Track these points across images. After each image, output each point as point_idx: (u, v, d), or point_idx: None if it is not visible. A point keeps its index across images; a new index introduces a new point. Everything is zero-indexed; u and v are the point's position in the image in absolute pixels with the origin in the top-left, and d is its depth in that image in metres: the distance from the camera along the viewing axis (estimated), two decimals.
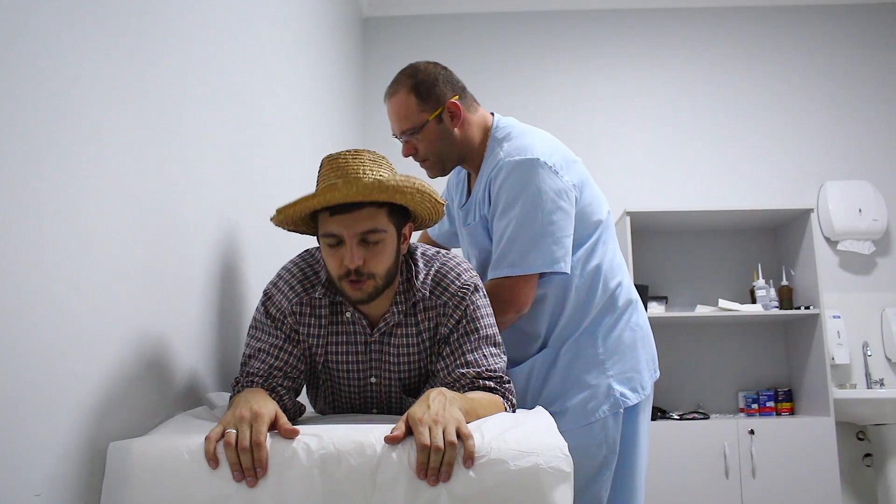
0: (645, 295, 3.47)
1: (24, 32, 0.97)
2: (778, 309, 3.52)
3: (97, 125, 1.14)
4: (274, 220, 1.39)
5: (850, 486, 3.50)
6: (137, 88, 1.28)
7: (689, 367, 3.67)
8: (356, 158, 1.32)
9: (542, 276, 1.72)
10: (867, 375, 3.59)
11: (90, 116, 1.12)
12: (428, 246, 1.51)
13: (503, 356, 1.43)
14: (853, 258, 3.78)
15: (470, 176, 1.93)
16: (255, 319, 1.44)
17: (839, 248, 3.77)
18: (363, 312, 1.42)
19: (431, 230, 2.18)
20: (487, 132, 1.82)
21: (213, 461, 1.07)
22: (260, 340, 1.40)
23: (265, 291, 1.44)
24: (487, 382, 1.36)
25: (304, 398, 1.61)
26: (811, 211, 3.51)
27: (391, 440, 1.09)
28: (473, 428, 1.14)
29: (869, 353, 3.61)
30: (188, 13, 1.53)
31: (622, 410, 1.74)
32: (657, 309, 3.55)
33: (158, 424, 1.27)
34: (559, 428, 1.72)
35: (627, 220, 3.46)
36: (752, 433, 3.23)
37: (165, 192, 1.38)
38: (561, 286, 1.75)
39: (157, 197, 1.35)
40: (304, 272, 1.44)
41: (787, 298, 3.56)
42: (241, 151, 1.83)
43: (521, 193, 1.67)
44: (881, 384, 3.56)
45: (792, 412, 3.52)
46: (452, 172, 2.01)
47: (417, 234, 2.22)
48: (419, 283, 1.41)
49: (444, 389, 1.23)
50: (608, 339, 1.77)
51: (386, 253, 1.33)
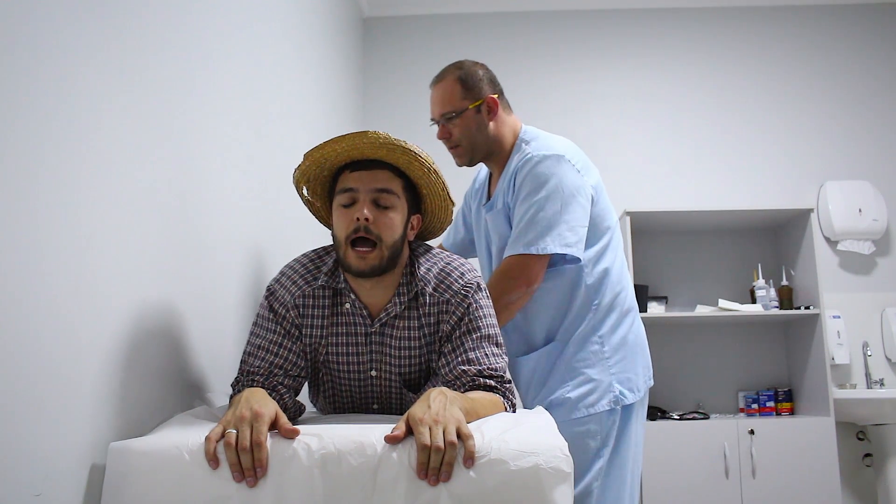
0: (645, 295, 3.47)
1: (24, 32, 0.97)
2: (778, 309, 3.52)
3: (97, 125, 1.14)
4: (297, 171, 1.44)
5: (850, 486, 3.50)
6: (137, 88, 1.28)
7: (689, 367, 3.67)
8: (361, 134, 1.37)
9: (554, 265, 1.81)
10: (867, 375, 3.59)
11: (90, 116, 1.12)
12: (430, 245, 1.53)
13: (504, 356, 1.44)
14: (853, 258, 3.78)
15: (491, 178, 2.03)
16: (257, 316, 1.45)
17: (839, 248, 3.76)
18: (364, 303, 1.43)
19: (445, 241, 2.22)
20: (516, 136, 1.95)
21: (213, 461, 1.07)
22: (260, 337, 1.41)
23: (268, 287, 1.46)
24: (488, 381, 1.37)
25: (304, 397, 1.61)
26: (811, 211, 3.51)
27: (391, 440, 1.09)
28: (473, 428, 1.14)
29: (869, 353, 3.61)
30: (188, 14, 1.53)
31: (619, 408, 1.82)
32: (657, 309, 3.55)
33: (158, 424, 1.27)
34: (557, 417, 1.75)
35: (627, 220, 3.46)
36: (752, 433, 3.23)
37: (165, 192, 1.39)
38: (571, 282, 1.84)
39: (156, 197, 1.35)
40: (306, 267, 1.46)
41: (787, 298, 3.55)
42: (240, 152, 1.84)
43: (544, 183, 1.79)
44: (881, 384, 3.56)
45: (792, 412, 3.52)
46: (471, 180, 2.13)
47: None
48: (420, 275, 1.43)
49: (444, 389, 1.24)
50: (612, 338, 1.85)
51: (394, 222, 1.37)
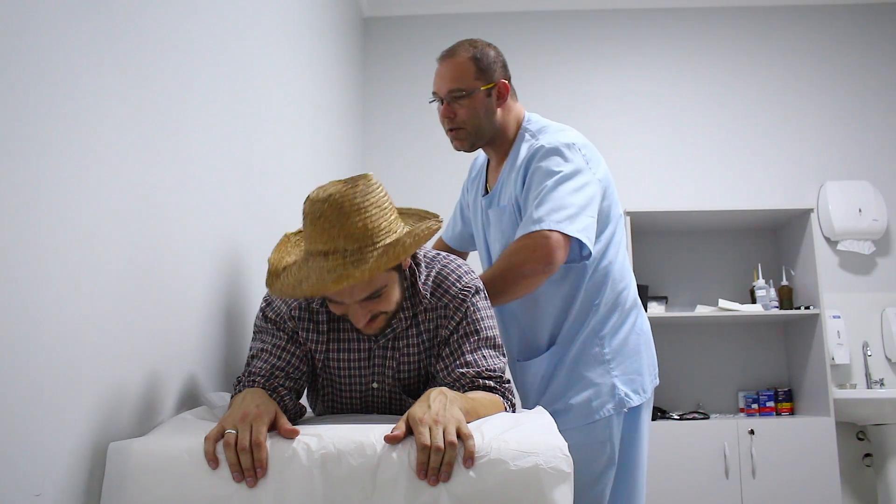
0: (645, 295, 3.46)
1: (24, 32, 0.97)
2: (778, 309, 3.52)
3: (97, 126, 1.14)
4: (268, 285, 1.33)
5: (850, 486, 3.50)
6: (137, 89, 1.28)
7: (689, 367, 3.67)
8: (339, 214, 1.20)
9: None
10: (867, 375, 3.59)
11: (90, 117, 1.12)
12: (428, 248, 1.51)
13: (503, 357, 1.43)
14: (853, 258, 3.78)
15: (489, 165, 1.95)
16: (256, 326, 1.44)
17: (839, 248, 3.76)
18: None
19: (445, 234, 2.20)
20: (519, 124, 1.88)
21: (213, 461, 1.07)
22: (263, 342, 1.40)
23: (265, 298, 1.44)
24: (487, 382, 1.36)
25: (303, 400, 1.61)
26: (811, 211, 3.51)
27: (391, 440, 1.09)
28: (473, 428, 1.14)
29: (869, 353, 3.61)
30: (187, 14, 1.53)
31: (626, 410, 1.75)
32: (657, 309, 3.55)
33: (158, 424, 1.27)
34: (563, 425, 1.72)
35: (627, 220, 3.45)
36: (752, 433, 3.23)
37: (166, 192, 1.38)
38: (573, 280, 1.77)
39: (157, 197, 1.35)
40: None
41: (787, 298, 3.55)
42: (241, 151, 1.83)
43: (562, 168, 1.70)
44: (881, 384, 3.56)
45: (792, 412, 3.52)
46: (466, 171, 2.05)
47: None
48: (419, 286, 1.41)
49: (444, 389, 1.23)
50: (613, 339, 1.78)
51: (392, 295, 1.32)
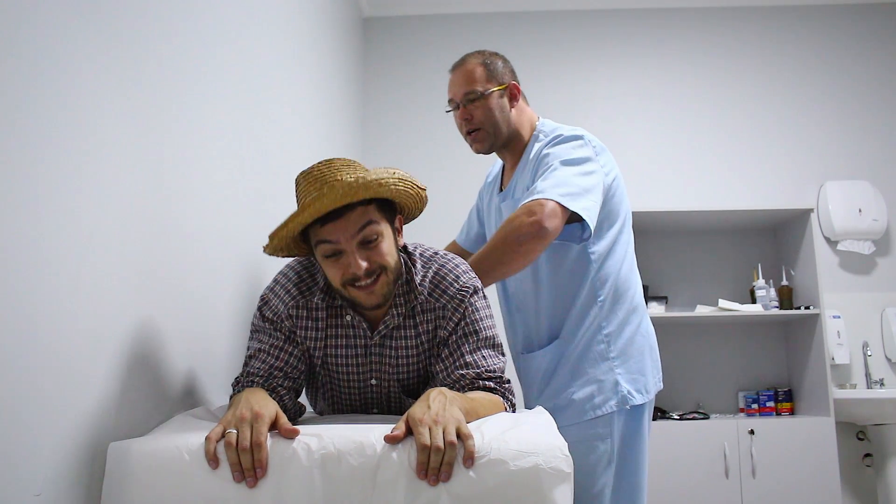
0: (645, 295, 3.44)
1: (24, 32, 0.97)
2: (778, 309, 3.52)
3: (97, 125, 1.14)
4: (267, 248, 1.38)
5: (850, 486, 3.50)
6: (137, 88, 1.28)
7: (689, 367, 3.67)
8: (329, 167, 1.31)
9: (565, 244, 1.76)
10: (867, 375, 3.58)
11: (90, 117, 1.12)
12: (426, 246, 1.51)
13: (502, 357, 1.43)
14: (853, 258, 3.78)
15: (504, 170, 2.00)
16: (253, 325, 1.44)
17: (839, 248, 3.76)
18: (363, 314, 1.41)
19: (459, 237, 2.20)
20: (533, 128, 1.93)
21: (213, 461, 1.07)
22: (260, 342, 1.40)
23: (262, 296, 1.44)
24: (487, 383, 1.36)
25: (303, 398, 1.61)
26: (811, 211, 3.51)
27: (391, 440, 1.09)
28: (473, 428, 1.14)
29: (869, 353, 3.61)
30: (188, 14, 1.53)
31: (628, 408, 1.75)
32: (657, 309, 3.55)
33: (158, 424, 1.27)
34: (564, 421, 1.71)
35: None
36: (752, 433, 3.23)
37: (166, 191, 1.38)
38: (577, 274, 1.78)
39: (157, 197, 1.35)
40: (300, 276, 1.44)
41: (787, 298, 3.55)
42: (241, 151, 1.83)
43: (571, 154, 1.73)
44: (881, 384, 3.55)
45: (792, 412, 3.52)
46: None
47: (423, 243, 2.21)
48: (417, 283, 1.41)
49: (444, 389, 1.23)
50: (619, 338, 1.79)
51: (387, 247, 1.33)
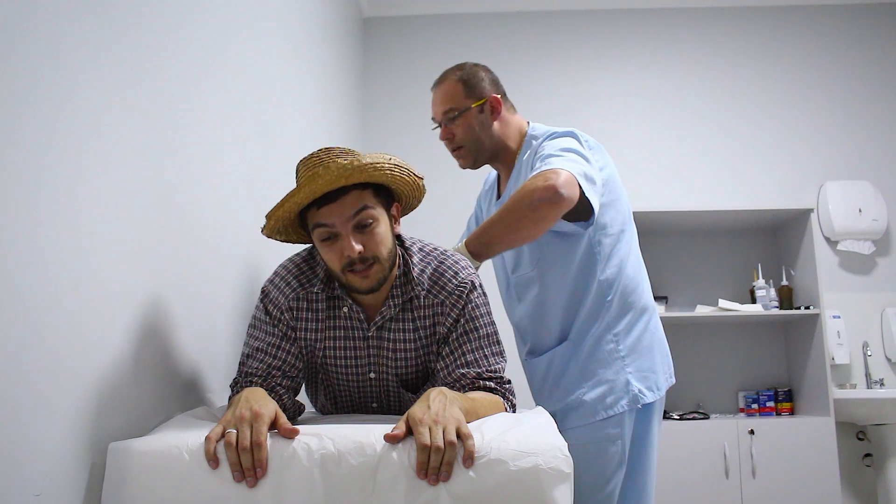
0: None
1: (24, 32, 0.97)
2: (778, 309, 3.52)
3: (97, 124, 1.14)
4: (265, 229, 1.40)
5: (850, 486, 3.50)
6: (137, 88, 1.28)
7: (689, 367, 3.67)
8: (327, 152, 1.33)
9: (566, 234, 1.74)
10: (867, 375, 3.59)
11: (90, 116, 1.12)
12: (425, 241, 1.51)
13: (503, 356, 1.43)
14: (853, 258, 3.78)
15: (499, 179, 1.97)
16: (253, 318, 1.44)
17: (839, 248, 3.76)
18: (361, 306, 1.42)
19: (457, 244, 2.19)
20: (524, 135, 1.89)
21: (213, 461, 1.07)
22: (258, 339, 1.40)
23: (263, 289, 1.45)
24: (488, 383, 1.36)
25: (303, 396, 1.61)
26: (811, 211, 3.51)
27: (391, 439, 1.09)
28: (473, 428, 1.14)
29: (869, 353, 3.61)
30: (188, 14, 1.53)
31: (639, 407, 1.74)
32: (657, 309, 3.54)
33: (158, 424, 1.27)
34: (575, 422, 1.70)
35: None
36: (752, 433, 3.23)
37: (166, 191, 1.38)
38: (584, 276, 1.77)
39: (157, 196, 1.35)
40: (300, 268, 1.45)
41: (787, 298, 3.56)
42: (241, 151, 1.84)
43: (567, 145, 1.70)
44: (881, 384, 3.56)
45: (792, 412, 3.52)
46: (482, 183, 2.06)
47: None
48: (415, 277, 1.41)
49: (444, 389, 1.23)
50: (627, 337, 1.78)
51: (382, 233, 1.34)
